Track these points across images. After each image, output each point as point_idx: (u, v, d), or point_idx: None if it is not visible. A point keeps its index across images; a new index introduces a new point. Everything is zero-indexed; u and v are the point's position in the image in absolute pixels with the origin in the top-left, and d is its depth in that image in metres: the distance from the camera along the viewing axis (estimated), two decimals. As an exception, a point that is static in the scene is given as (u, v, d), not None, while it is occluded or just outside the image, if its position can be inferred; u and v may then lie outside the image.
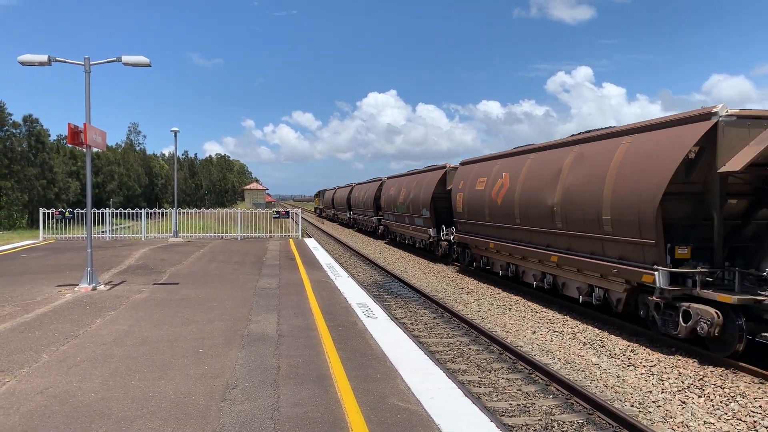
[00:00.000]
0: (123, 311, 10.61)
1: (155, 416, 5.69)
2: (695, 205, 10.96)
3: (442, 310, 14.64)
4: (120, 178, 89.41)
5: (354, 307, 11.14)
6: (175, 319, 9.93)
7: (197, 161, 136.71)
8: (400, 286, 18.92)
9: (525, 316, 14.20)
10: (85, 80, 13.09)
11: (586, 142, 13.88)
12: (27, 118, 66.38)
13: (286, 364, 7.36)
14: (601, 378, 9.46)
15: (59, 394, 6.27)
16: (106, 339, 8.59)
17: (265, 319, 10.00)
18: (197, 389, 6.46)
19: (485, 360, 10.52)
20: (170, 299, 11.80)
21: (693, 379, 9.20)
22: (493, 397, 8.62)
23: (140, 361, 7.53)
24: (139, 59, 13.60)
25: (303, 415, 5.71)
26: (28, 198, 63.86)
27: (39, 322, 9.62)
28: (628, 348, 11.07)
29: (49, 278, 14.41)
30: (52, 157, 70.05)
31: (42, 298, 11.83)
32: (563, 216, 13.85)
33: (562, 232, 13.99)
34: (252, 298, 11.90)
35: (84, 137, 12.47)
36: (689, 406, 8.19)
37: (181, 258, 19.19)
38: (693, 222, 11.01)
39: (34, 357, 7.65)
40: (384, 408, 5.95)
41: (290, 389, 6.45)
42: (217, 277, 14.89)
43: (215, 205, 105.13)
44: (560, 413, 7.98)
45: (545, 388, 8.93)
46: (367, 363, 7.49)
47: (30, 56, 12.89)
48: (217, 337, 8.76)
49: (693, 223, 11.01)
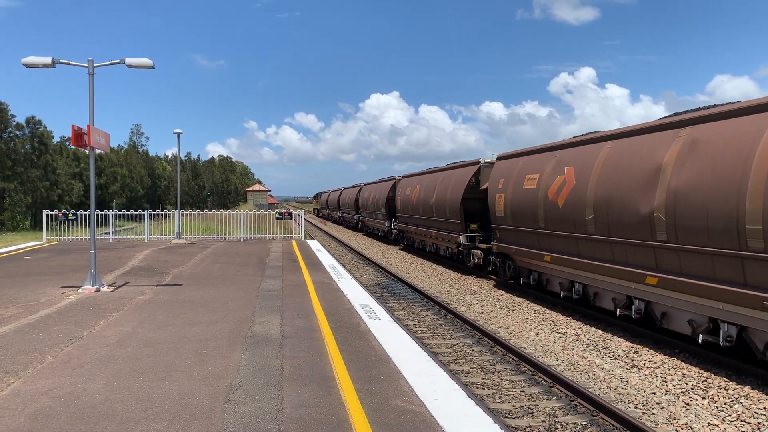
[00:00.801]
0: (126, 313, 10.64)
1: (159, 417, 5.70)
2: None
3: (445, 312, 14.63)
4: (123, 179, 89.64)
5: (357, 308, 11.14)
6: (179, 321, 9.95)
7: (200, 163, 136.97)
8: (402, 287, 18.89)
9: (528, 317, 14.19)
10: (88, 82, 13.12)
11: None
12: (30, 119, 66.64)
13: (289, 366, 7.37)
14: (605, 379, 9.45)
15: (64, 396, 6.28)
16: (110, 340, 8.61)
17: (269, 320, 10.01)
18: (201, 390, 6.47)
19: (488, 361, 10.51)
20: (174, 301, 11.82)
21: (697, 381, 9.18)
22: (496, 398, 8.62)
23: (144, 362, 7.54)
24: (143, 61, 13.63)
25: (307, 417, 5.72)
26: (31, 200, 64.04)
27: (43, 324, 9.64)
28: (631, 349, 11.05)
29: (53, 280, 14.45)
30: (56, 158, 70.27)
31: (46, 299, 11.86)
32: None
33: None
34: (255, 300, 11.92)
35: (88, 139, 12.51)
36: (693, 407, 8.17)
37: (184, 259, 19.21)
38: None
39: (39, 358, 7.67)
40: (388, 409, 5.95)
41: (294, 390, 6.46)
42: (220, 279, 14.91)
43: (218, 207, 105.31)
44: (564, 415, 7.97)
45: (549, 390, 8.92)
46: (371, 364, 7.50)
47: (34, 58, 12.92)
48: (221, 338, 8.77)
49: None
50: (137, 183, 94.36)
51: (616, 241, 11.81)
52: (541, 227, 14.98)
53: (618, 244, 11.79)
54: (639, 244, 11.13)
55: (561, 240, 14.12)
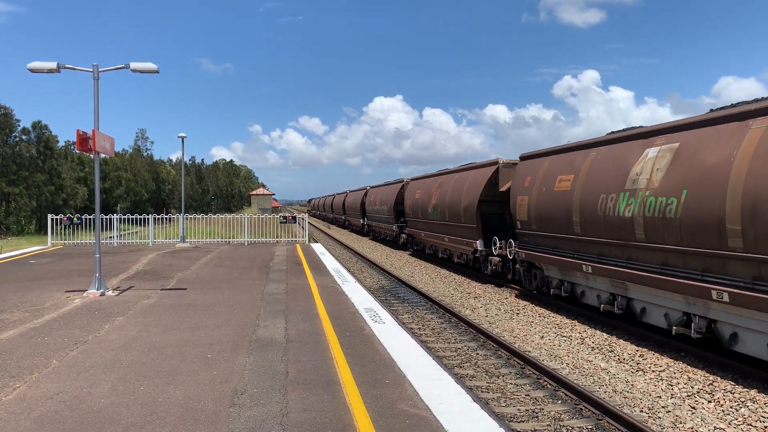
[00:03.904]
0: (131, 317, 10.66)
1: (165, 422, 5.71)
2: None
3: (449, 315, 14.61)
4: (127, 183, 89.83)
5: (361, 312, 11.14)
6: (184, 325, 9.96)
7: (204, 167, 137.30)
8: (407, 291, 18.88)
9: (533, 321, 14.16)
10: (93, 87, 13.18)
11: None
12: (36, 124, 66.85)
13: (294, 370, 7.37)
14: (610, 383, 9.41)
15: (69, 400, 6.30)
16: (115, 345, 8.63)
17: (273, 324, 10.01)
18: (206, 395, 6.48)
19: (493, 365, 10.49)
20: (178, 304, 11.84)
21: (703, 384, 9.14)
22: (501, 402, 8.59)
23: (149, 366, 7.55)
24: (147, 66, 13.69)
25: (312, 421, 5.72)
26: (36, 204, 64.24)
27: (48, 328, 9.67)
28: (636, 353, 11.01)
29: (58, 284, 14.49)
30: (61, 163, 70.48)
31: (51, 303, 11.90)
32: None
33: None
34: (259, 304, 11.93)
35: (92, 144, 12.56)
36: (699, 411, 8.13)
37: (188, 263, 19.25)
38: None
39: (44, 362, 7.69)
40: (393, 413, 5.94)
41: (299, 394, 6.46)
42: (224, 283, 14.93)
43: (222, 211, 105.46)
44: (569, 419, 7.94)
45: (554, 394, 8.89)
46: (375, 368, 7.49)
47: (39, 63, 13.00)
48: (226, 342, 8.78)
49: None
50: (142, 187, 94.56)
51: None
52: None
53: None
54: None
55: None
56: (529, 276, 17.07)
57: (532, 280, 16.85)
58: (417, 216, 28.44)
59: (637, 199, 11.37)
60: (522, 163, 17.74)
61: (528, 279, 17.12)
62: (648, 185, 11.12)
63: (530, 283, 16.99)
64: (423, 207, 27.02)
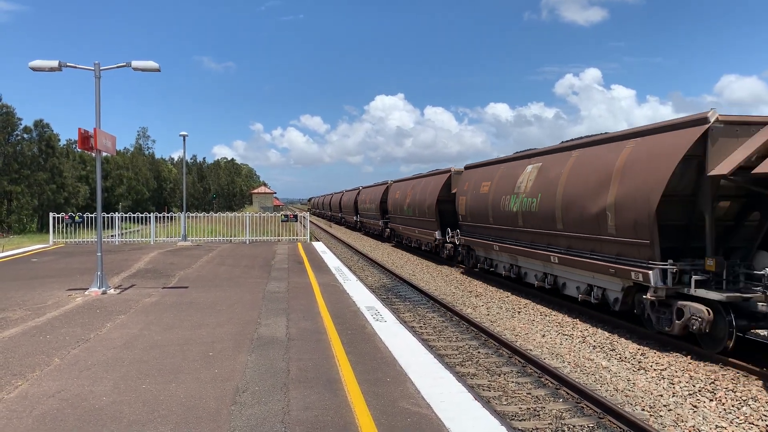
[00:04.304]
0: (133, 315, 10.67)
1: (166, 420, 5.71)
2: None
3: (451, 314, 14.61)
4: (129, 182, 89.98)
5: (363, 310, 11.14)
6: (185, 323, 9.97)
7: (205, 165, 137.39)
8: (408, 289, 18.91)
9: (534, 319, 14.16)
10: (95, 85, 13.18)
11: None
12: (38, 123, 66.97)
13: (295, 368, 7.38)
14: (612, 382, 9.41)
15: (71, 398, 6.30)
16: (117, 343, 8.64)
17: (275, 322, 10.02)
18: (208, 393, 6.48)
19: (494, 363, 10.49)
20: (180, 303, 11.85)
21: (704, 383, 9.13)
22: (503, 400, 8.60)
23: (151, 364, 7.56)
24: (149, 64, 13.69)
25: (313, 419, 5.72)
26: (38, 202, 64.38)
27: (50, 326, 9.68)
28: (638, 351, 11.01)
29: (60, 282, 14.51)
30: (62, 161, 70.61)
31: (53, 302, 11.91)
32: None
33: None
34: (261, 302, 11.93)
35: (94, 142, 12.57)
36: (701, 409, 8.13)
37: (190, 262, 19.26)
38: None
39: (46, 361, 7.70)
40: (394, 412, 5.94)
41: (300, 393, 6.46)
42: (226, 281, 14.94)
43: (223, 209, 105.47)
44: (570, 417, 7.94)
45: (555, 392, 8.89)
46: (377, 366, 7.49)
47: (41, 62, 13.00)
48: (227, 340, 8.79)
49: None
50: (143, 185, 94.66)
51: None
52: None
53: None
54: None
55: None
56: (468, 257, 22.43)
57: (470, 260, 22.27)
58: (396, 213, 33.93)
59: (519, 199, 16.79)
60: (465, 172, 23.31)
61: (468, 259, 22.50)
62: (524, 190, 16.51)
63: (469, 262, 22.42)
64: (401, 205, 32.25)
